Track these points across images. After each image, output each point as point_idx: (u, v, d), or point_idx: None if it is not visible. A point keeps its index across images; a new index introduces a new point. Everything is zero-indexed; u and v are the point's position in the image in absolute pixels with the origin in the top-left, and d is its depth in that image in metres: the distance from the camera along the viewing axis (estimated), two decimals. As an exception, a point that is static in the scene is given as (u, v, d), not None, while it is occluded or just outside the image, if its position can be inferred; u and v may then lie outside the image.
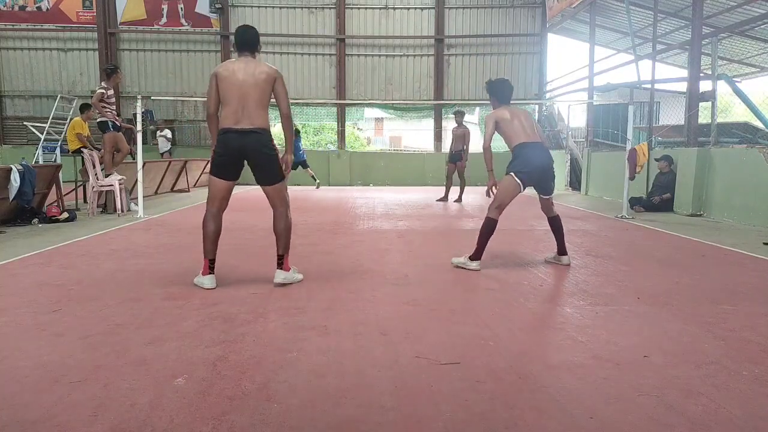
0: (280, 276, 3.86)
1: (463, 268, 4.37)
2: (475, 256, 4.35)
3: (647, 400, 2.08)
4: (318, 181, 14.23)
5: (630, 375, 2.32)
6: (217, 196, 3.82)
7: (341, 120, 17.19)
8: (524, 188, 4.38)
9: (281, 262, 3.87)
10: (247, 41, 3.76)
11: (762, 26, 12.05)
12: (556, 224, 4.67)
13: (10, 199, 6.65)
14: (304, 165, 13.72)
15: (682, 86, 10.30)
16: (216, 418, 1.91)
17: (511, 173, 4.35)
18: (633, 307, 3.39)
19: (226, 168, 3.74)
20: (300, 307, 3.31)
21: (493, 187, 4.47)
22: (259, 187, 3.85)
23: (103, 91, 7.87)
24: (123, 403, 2.02)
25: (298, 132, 13.49)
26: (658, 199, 9.02)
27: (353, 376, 2.30)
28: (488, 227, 4.36)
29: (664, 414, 1.96)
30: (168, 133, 14.73)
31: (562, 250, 4.67)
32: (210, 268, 3.81)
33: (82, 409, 1.96)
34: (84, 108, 9.17)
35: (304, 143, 21.96)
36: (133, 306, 3.31)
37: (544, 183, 4.52)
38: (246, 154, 3.70)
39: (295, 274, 3.96)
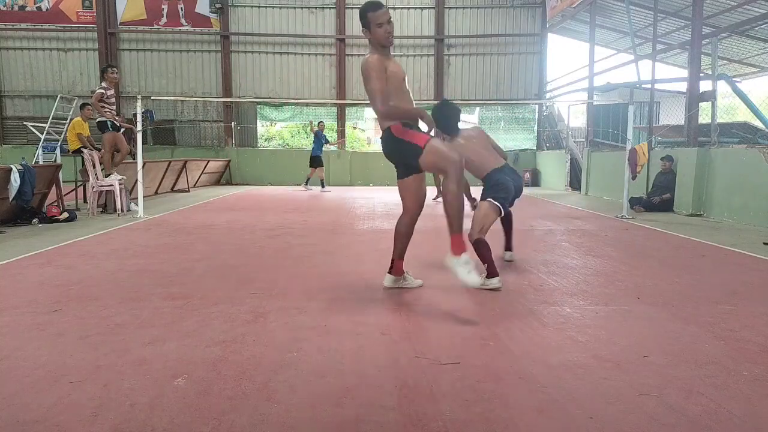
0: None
1: (486, 288, 3.83)
2: (490, 273, 3.88)
3: (647, 400, 2.08)
4: (324, 187, 13.70)
5: (630, 375, 2.32)
6: (401, 197, 3.66)
7: (341, 120, 17.19)
8: (504, 211, 4.29)
9: (392, 268, 3.77)
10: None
11: (762, 26, 12.05)
12: (508, 219, 4.76)
13: (10, 199, 6.65)
14: (319, 163, 13.38)
15: (682, 86, 10.31)
16: (216, 418, 1.91)
17: (489, 199, 4.23)
18: (633, 307, 3.39)
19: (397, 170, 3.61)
20: (300, 307, 3.31)
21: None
22: (256, 187, 3.85)
23: (103, 91, 7.87)
24: (123, 403, 2.02)
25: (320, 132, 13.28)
26: (658, 199, 9.02)
27: (353, 375, 2.30)
28: (482, 246, 4.00)
29: (664, 414, 1.97)
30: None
31: (508, 246, 4.84)
32: (390, 267, 3.78)
33: (83, 409, 1.97)
34: (83, 106, 9.19)
35: (305, 143, 21.93)
36: (133, 306, 3.31)
37: (513, 200, 4.50)
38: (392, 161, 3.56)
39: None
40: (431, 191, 11.89)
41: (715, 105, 8.64)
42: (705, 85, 9.15)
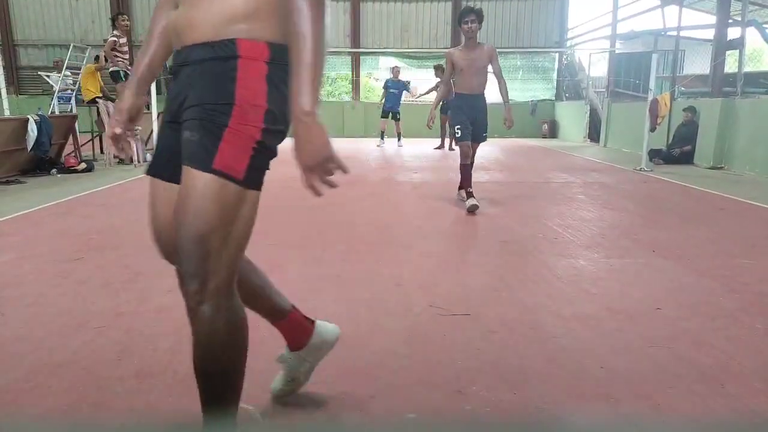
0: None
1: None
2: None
3: (658, 351, 2.10)
4: (400, 141, 12.63)
5: (642, 327, 2.33)
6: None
7: (356, 69, 16.87)
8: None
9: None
10: None
11: (798, -32, 11.42)
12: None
13: (29, 150, 6.72)
14: (396, 117, 12.51)
15: (710, 33, 9.91)
16: (235, 364, 1.97)
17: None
18: (648, 259, 3.38)
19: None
20: (315, 258, 3.35)
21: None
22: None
23: (115, 39, 7.79)
24: (146, 347, 2.09)
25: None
26: (678, 151, 8.84)
27: (368, 324, 2.35)
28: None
29: (674, 365, 1.99)
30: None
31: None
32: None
33: (107, 354, 2.04)
34: (98, 58, 9.11)
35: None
36: (152, 255, 3.34)
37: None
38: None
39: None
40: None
41: (743, 53, 8.32)
42: (733, 32, 8.80)
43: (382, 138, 12.77)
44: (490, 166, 8.45)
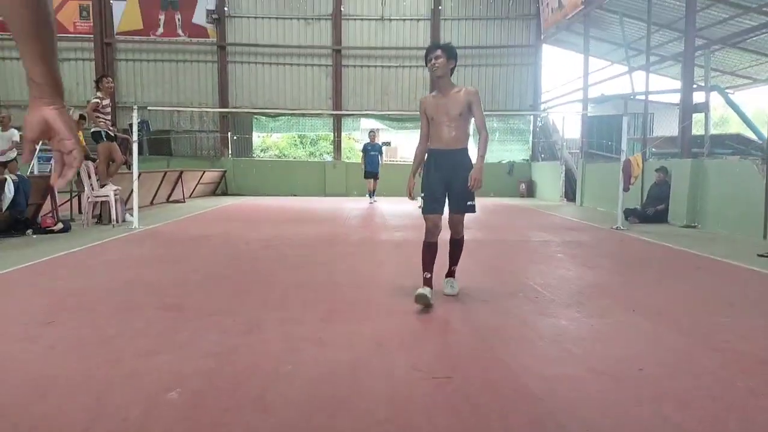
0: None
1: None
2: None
3: (643, 412, 2.08)
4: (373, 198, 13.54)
5: (625, 387, 2.31)
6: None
7: (337, 130, 17.23)
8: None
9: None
10: None
11: (754, 38, 12.17)
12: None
13: (3, 210, 6.62)
14: (375, 177, 13.46)
15: (676, 97, 10.40)
16: (210, 431, 1.89)
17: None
18: (628, 319, 3.39)
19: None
20: (296, 318, 3.30)
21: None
22: (252, 198, 3.81)
23: (98, 101, 7.88)
24: (115, 416, 2.00)
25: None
26: (652, 210, 9.06)
27: (348, 387, 2.29)
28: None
29: (659, 426, 1.96)
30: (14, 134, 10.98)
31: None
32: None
33: (75, 422, 1.94)
34: (81, 118, 9.19)
35: (300, 154, 21.98)
36: (126, 317, 3.29)
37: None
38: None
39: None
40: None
41: (708, 116, 8.71)
42: (698, 97, 9.24)
43: (371, 195, 13.57)
44: (470, 225, 8.53)
